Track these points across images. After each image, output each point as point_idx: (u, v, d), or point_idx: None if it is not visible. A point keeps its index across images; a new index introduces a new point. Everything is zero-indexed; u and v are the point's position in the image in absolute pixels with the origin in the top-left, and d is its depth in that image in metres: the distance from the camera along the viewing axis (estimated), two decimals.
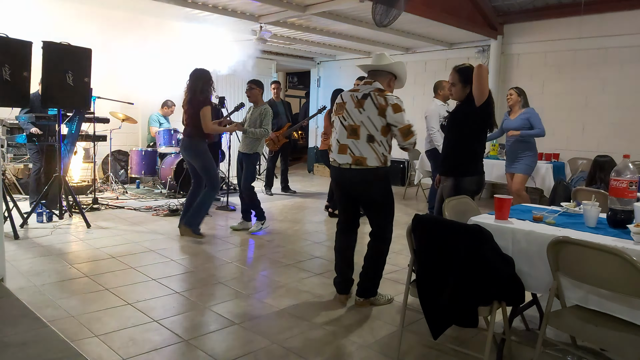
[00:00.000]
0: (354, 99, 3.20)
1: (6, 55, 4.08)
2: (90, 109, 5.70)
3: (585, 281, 2.11)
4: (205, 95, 4.77)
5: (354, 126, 3.17)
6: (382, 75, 3.28)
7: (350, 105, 3.21)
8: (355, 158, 3.14)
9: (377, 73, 3.29)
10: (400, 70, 3.31)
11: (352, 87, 3.54)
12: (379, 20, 5.40)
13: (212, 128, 4.80)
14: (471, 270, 2.25)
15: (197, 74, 4.79)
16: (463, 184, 3.49)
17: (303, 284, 3.75)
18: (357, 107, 3.17)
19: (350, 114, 3.20)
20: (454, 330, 2.93)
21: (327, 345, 2.76)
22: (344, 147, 3.20)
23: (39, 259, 4.07)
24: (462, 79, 3.48)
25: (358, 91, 3.24)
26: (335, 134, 3.29)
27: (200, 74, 4.79)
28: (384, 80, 3.27)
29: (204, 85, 4.77)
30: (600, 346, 2.53)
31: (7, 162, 6.60)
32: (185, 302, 3.32)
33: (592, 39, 7.10)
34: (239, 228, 5.37)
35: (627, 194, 2.44)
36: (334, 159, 3.28)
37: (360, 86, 3.29)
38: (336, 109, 3.33)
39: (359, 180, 3.18)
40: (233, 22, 7.03)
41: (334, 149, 3.28)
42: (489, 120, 3.50)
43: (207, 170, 4.86)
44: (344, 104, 3.25)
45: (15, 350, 2.47)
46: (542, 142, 7.68)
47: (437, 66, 8.85)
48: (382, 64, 3.26)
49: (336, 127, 3.29)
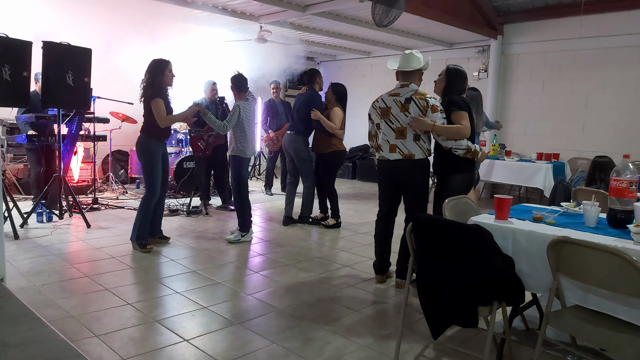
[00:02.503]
0: (398, 103, 3.56)
1: (6, 55, 4.08)
2: (90, 109, 5.70)
3: (585, 281, 2.11)
4: (154, 89, 4.29)
5: (400, 128, 3.56)
6: (413, 75, 3.61)
7: (396, 109, 3.57)
8: (405, 155, 3.57)
9: (408, 73, 3.59)
10: (426, 66, 3.62)
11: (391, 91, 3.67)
12: (378, 20, 5.39)
13: (166, 120, 4.37)
14: (471, 270, 2.25)
15: (149, 65, 4.36)
16: (453, 181, 3.52)
17: (303, 284, 3.75)
18: (403, 110, 3.54)
19: (397, 117, 3.57)
20: (454, 330, 2.94)
21: (327, 345, 2.76)
22: (393, 147, 3.60)
23: (39, 259, 4.07)
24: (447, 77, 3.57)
25: (399, 95, 3.58)
26: (384, 135, 3.64)
27: (151, 65, 4.35)
28: (415, 78, 3.62)
29: (154, 77, 4.31)
30: (600, 346, 2.54)
31: (7, 162, 6.60)
32: (185, 302, 3.32)
33: (592, 39, 7.11)
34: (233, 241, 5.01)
35: (627, 194, 2.44)
36: (384, 156, 3.66)
37: (399, 89, 3.61)
38: (381, 113, 3.65)
39: (408, 170, 3.60)
40: (233, 22, 7.04)
41: (384, 149, 3.65)
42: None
43: (146, 173, 4.42)
44: (389, 108, 3.61)
45: (15, 350, 2.47)
46: (542, 142, 7.73)
47: (437, 66, 8.81)
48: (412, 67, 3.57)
49: (383, 129, 3.64)
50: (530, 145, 7.81)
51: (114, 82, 6.45)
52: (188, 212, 6.07)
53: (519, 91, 8.06)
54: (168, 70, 4.35)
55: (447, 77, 3.57)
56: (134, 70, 4.70)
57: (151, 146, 4.38)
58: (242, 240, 4.88)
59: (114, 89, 6.49)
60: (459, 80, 3.57)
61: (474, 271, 2.24)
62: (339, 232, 5.46)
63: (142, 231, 4.46)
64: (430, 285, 2.43)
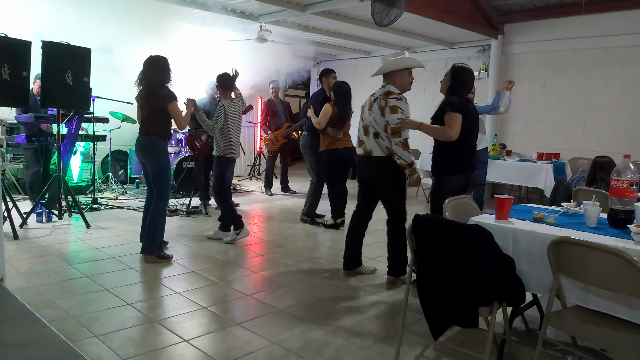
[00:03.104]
0: (369, 102, 3.70)
1: (6, 55, 4.08)
2: (89, 109, 5.69)
3: (585, 281, 2.10)
4: (168, 89, 4.09)
5: (365, 126, 3.71)
6: (388, 77, 3.69)
7: (367, 108, 3.72)
8: (366, 152, 3.70)
9: (386, 75, 3.69)
10: (396, 65, 3.62)
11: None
12: (378, 19, 5.37)
13: (186, 122, 4.23)
14: (471, 270, 2.24)
15: (155, 62, 4.06)
16: (447, 182, 3.51)
17: (303, 284, 3.74)
18: (369, 109, 3.67)
19: (364, 115, 3.74)
20: (454, 330, 2.93)
21: (327, 345, 2.75)
22: (361, 142, 3.78)
23: (38, 259, 4.06)
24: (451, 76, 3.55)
25: (374, 94, 3.69)
26: (357, 131, 3.84)
27: (158, 62, 4.07)
28: (390, 79, 3.67)
29: (165, 76, 4.07)
30: (600, 346, 2.53)
31: (6, 162, 6.60)
32: (185, 303, 3.31)
33: (593, 39, 7.10)
34: (213, 237, 4.93)
35: (628, 194, 2.44)
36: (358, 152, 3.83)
37: (378, 89, 3.70)
38: (361, 110, 3.81)
39: (367, 165, 3.74)
40: (233, 22, 7.03)
41: (356, 144, 3.86)
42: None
43: (162, 177, 4.14)
44: (364, 107, 3.77)
45: (15, 350, 2.46)
46: (542, 142, 7.72)
47: (438, 66, 8.84)
48: (380, 70, 3.69)
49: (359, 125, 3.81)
50: (530, 145, 7.80)
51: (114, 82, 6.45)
52: (188, 212, 6.06)
53: (520, 91, 8.04)
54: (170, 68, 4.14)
55: (451, 77, 3.55)
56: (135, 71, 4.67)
57: (164, 149, 4.20)
58: (239, 237, 4.83)
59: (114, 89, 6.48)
60: (463, 80, 3.53)
61: (474, 271, 2.24)
62: (339, 232, 5.45)
63: (161, 240, 4.24)
64: (430, 286, 2.42)
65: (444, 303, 2.34)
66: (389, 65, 3.63)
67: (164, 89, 4.06)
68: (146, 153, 4.15)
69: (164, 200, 4.21)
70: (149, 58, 4.09)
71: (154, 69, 4.05)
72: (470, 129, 3.51)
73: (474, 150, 3.65)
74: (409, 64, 3.67)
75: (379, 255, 4.52)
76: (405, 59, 3.66)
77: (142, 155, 4.19)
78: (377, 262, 4.26)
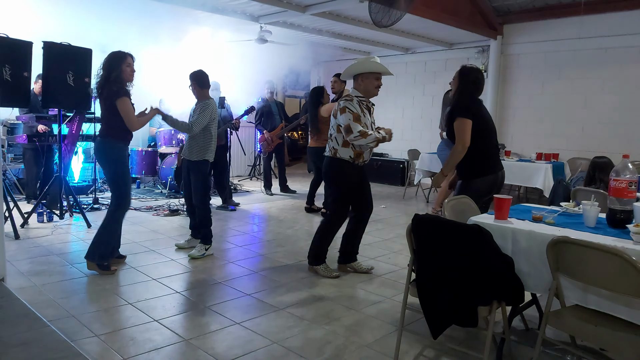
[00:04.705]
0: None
1: (7, 55, 4.09)
2: (90, 109, 5.70)
3: (584, 281, 2.11)
4: (120, 84, 3.77)
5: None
6: (354, 80, 3.78)
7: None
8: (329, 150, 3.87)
9: (354, 78, 3.78)
10: (355, 70, 3.71)
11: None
12: (376, 19, 5.36)
13: (138, 123, 3.85)
14: (471, 270, 2.25)
15: (108, 57, 3.81)
16: (473, 185, 3.43)
17: (303, 284, 3.75)
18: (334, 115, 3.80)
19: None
20: (453, 330, 2.94)
21: (327, 345, 2.76)
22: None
23: (39, 259, 4.07)
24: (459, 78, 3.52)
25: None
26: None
27: (110, 57, 3.80)
28: (355, 82, 3.77)
29: (109, 72, 3.76)
30: (599, 346, 2.54)
31: (7, 162, 6.60)
32: (185, 302, 3.32)
33: (592, 39, 7.11)
34: (185, 247, 4.56)
35: (627, 194, 2.45)
36: None
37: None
38: None
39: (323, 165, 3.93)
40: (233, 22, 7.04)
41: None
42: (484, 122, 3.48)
43: (118, 182, 3.83)
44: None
45: (15, 350, 2.47)
46: (541, 142, 7.73)
47: (437, 66, 8.85)
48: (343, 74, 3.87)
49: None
50: (529, 145, 7.81)
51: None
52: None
53: (519, 91, 8.06)
54: (126, 64, 3.80)
55: (459, 79, 3.50)
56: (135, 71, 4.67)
57: (120, 152, 3.86)
58: (207, 254, 4.37)
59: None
60: (470, 81, 3.46)
61: (473, 271, 2.25)
62: (338, 233, 5.44)
63: (107, 249, 3.85)
64: (430, 285, 2.43)
65: (444, 302, 2.35)
66: (350, 68, 3.73)
67: (115, 84, 3.75)
68: (99, 155, 3.92)
69: (120, 208, 3.86)
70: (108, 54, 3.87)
71: (106, 64, 3.81)
72: (486, 130, 3.45)
73: (496, 150, 3.58)
74: (370, 69, 3.65)
75: (379, 255, 4.53)
76: (367, 63, 3.67)
77: (97, 158, 3.97)
78: (377, 262, 4.28)
